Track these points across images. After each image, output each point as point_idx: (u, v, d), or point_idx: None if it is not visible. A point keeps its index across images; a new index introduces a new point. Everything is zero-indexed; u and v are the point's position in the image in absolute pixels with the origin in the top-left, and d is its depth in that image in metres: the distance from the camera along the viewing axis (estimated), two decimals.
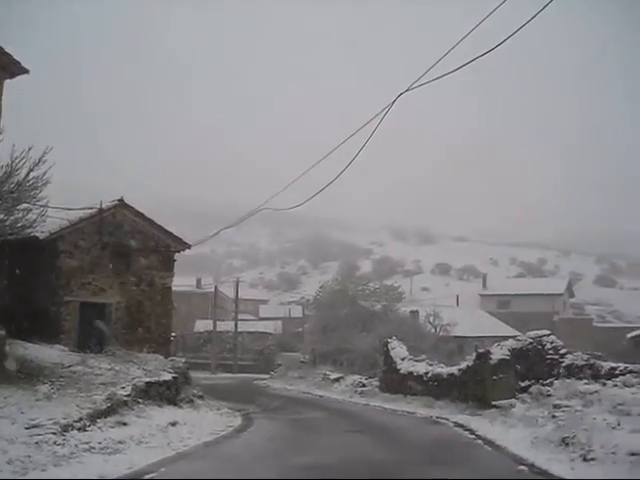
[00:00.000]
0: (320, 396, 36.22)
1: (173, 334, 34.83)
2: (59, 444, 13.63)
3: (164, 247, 30.41)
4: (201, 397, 25.89)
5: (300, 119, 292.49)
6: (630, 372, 24.19)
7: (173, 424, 18.52)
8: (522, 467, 14.54)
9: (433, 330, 50.32)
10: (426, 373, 30.07)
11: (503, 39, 12.27)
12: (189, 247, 31.43)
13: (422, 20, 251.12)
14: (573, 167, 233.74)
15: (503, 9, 11.89)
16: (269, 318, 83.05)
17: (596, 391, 22.16)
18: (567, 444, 15.53)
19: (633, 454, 13.86)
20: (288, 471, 13.46)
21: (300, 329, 72.71)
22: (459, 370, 27.70)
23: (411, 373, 30.97)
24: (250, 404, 28.18)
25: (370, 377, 36.59)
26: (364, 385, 35.81)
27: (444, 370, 29.24)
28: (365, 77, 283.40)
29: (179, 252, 31.20)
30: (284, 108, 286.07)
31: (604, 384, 23.28)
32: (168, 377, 22.96)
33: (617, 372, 24.46)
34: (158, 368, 23.94)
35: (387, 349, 33.70)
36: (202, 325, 71.36)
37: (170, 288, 30.51)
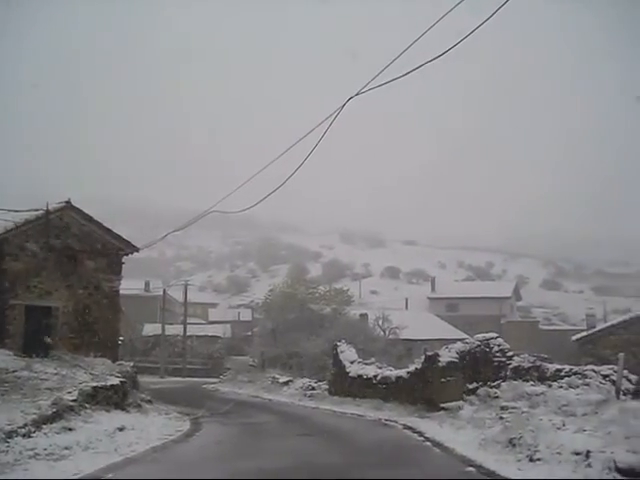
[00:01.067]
0: (269, 400, 36.13)
1: (121, 338, 34.41)
2: (3, 451, 13.43)
3: (112, 250, 30.03)
4: (149, 401, 25.67)
5: (253, 121, 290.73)
6: (575, 373, 24.60)
7: (121, 429, 18.32)
8: (470, 468, 14.69)
9: (382, 333, 50.49)
10: (375, 376, 30.18)
11: (463, 38, 12.38)
12: (137, 250, 31.10)
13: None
14: (520, 173, 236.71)
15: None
16: (218, 322, 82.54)
17: (542, 392, 22.48)
18: (514, 445, 15.75)
19: (577, 453, 14.11)
20: (237, 476, 13.39)
21: (249, 333, 72.54)
22: (408, 373, 27.86)
23: (360, 376, 31.05)
24: (199, 408, 27.98)
25: (319, 380, 36.64)
26: (313, 388, 35.84)
27: (393, 373, 29.38)
28: (318, 78, 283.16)
29: (127, 255, 30.84)
30: (236, 109, 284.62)
31: (550, 386, 23.63)
32: (116, 381, 22.69)
33: (562, 374, 24.85)
34: (105, 372, 23.67)
35: (336, 352, 33.75)
36: (150, 329, 70.64)
37: (118, 291, 30.13)
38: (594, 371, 24.56)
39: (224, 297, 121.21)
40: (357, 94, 14.88)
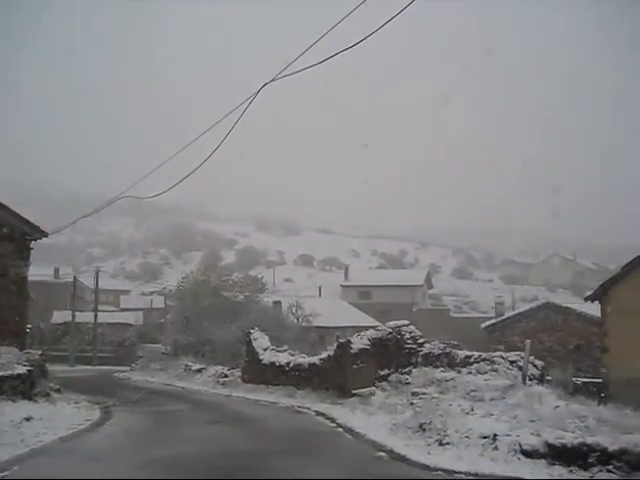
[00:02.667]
0: (182, 387, 35.82)
1: (29, 326, 33.57)
2: None
3: (19, 235, 29.16)
4: (58, 390, 25.12)
5: (167, 106, 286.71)
6: (483, 360, 25.13)
7: (28, 419, 17.88)
8: (381, 453, 14.91)
9: (296, 321, 50.64)
10: (288, 363, 30.28)
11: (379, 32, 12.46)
12: (46, 235, 30.24)
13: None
14: (435, 163, 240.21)
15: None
16: (130, 309, 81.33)
17: (452, 378, 22.94)
18: (424, 430, 16.03)
19: (485, 437, 14.49)
20: (148, 464, 13.26)
21: (162, 320, 71.74)
22: (320, 360, 28.04)
23: (273, 363, 31.10)
24: (110, 397, 27.53)
25: (232, 368, 36.51)
26: (226, 376, 35.70)
27: (306, 360, 29.52)
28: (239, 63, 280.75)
29: (36, 240, 30.00)
30: (149, 92, 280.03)
31: (459, 372, 24.12)
32: (22, 370, 22.14)
33: (471, 360, 25.36)
34: (12, 361, 23.02)
35: (249, 340, 33.69)
36: (60, 316, 69.06)
37: (26, 278, 29.29)
38: (502, 357, 25.12)
39: (136, 284, 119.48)
40: (271, 81, 14.85)
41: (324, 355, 28.10)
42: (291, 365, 30.02)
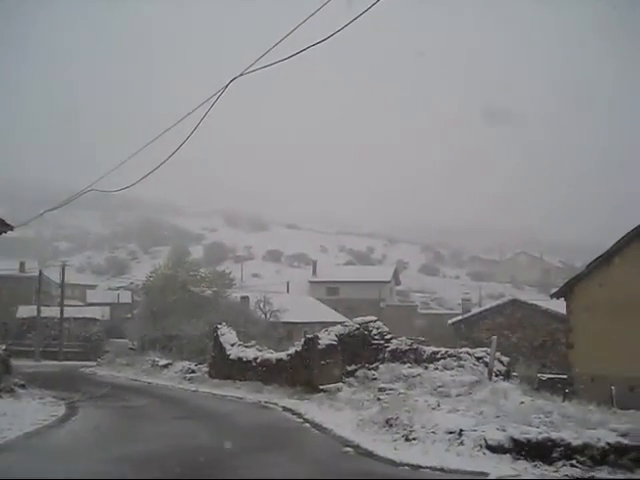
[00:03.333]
0: (148, 383, 35.63)
1: None
2: None
3: None
4: (23, 386, 24.91)
5: (143, 102, 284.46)
6: (450, 356, 25.31)
7: None
8: (348, 449, 14.95)
9: (263, 316, 50.61)
10: (255, 358, 30.23)
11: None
12: (12, 228, 29.86)
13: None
14: (404, 161, 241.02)
15: None
16: (97, 304, 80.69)
17: (419, 374, 23.13)
18: (391, 425, 16.11)
19: (451, 432, 14.60)
20: (113, 461, 13.18)
21: (129, 315, 71.33)
22: (288, 355, 28.03)
23: (240, 359, 31.03)
24: (75, 392, 27.32)
25: (200, 363, 36.42)
26: (193, 371, 35.59)
27: (273, 355, 29.51)
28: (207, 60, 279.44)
29: (0, 234, 29.65)
30: (118, 86, 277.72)
31: (426, 368, 24.29)
32: None
33: (438, 356, 25.53)
34: None
35: (217, 335, 33.59)
36: (25, 311, 68.32)
37: None
38: (468, 353, 25.32)
39: (103, 279, 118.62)
40: (239, 75, 14.78)
41: (291, 351, 28.10)
42: (258, 360, 29.98)
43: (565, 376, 32.47)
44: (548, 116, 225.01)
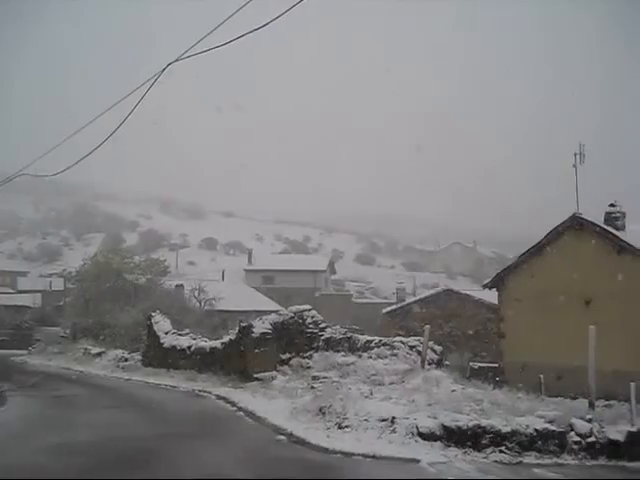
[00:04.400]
0: (81, 372, 35.15)
1: None
2: None
3: None
4: None
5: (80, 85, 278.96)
6: (384, 345, 25.50)
7: None
8: (281, 437, 15.02)
9: (198, 304, 50.27)
10: (189, 347, 30.07)
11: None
12: None
13: None
14: (341, 151, 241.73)
15: None
16: (28, 291, 78.99)
17: (352, 363, 23.24)
18: (324, 413, 16.21)
19: (383, 420, 14.78)
20: (44, 451, 13.00)
21: (61, 303, 70.08)
22: (222, 344, 27.95)
23: (174, 347, 30.83)
24: (5, 381, 26.81)
25: (133, 352, 36.05)
26: (127, 360, 35.24)
27: (207, 344, 29.38)
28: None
29: None
30: (53, 69, 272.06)
31: (360, 356, 24.43)
32: None
33: (372, 345, 25.68)
34: None
35: (150, 323, 33.31)
36: None
37: None
38: (402, 342, 25.52)
39: (35, 266, 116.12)
40: (175, 61, 14.63)
41: (226, 339, 28.03)
42: (192, 349, 29.83)
43: (496, 365, 33.03)
44: (483, 108, 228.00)
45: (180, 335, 31.84)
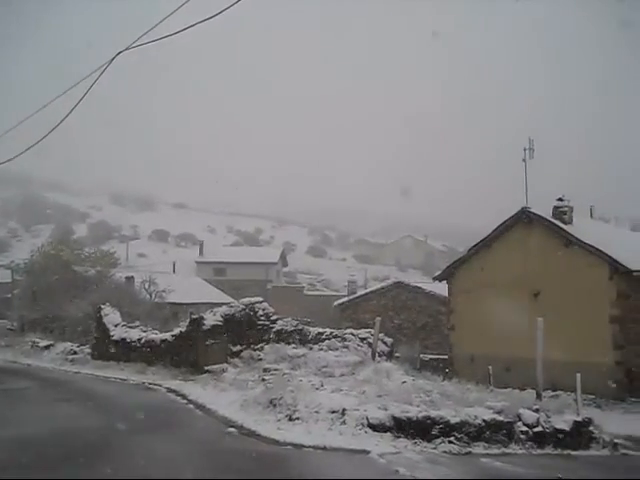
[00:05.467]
0: (28, 365, 34.62)
1: None
2: None
3: None
4: None
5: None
6: (335, 337, 25.62)
7: None
8: (231, 429, 15.00)
9: (149, 297, 49.88)
10: (139, 339, 29.85)
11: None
12: None
13: None
14: (294, 144, 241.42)
15: None
16: None
17: (303, 355, 23.32)
18: (275, 405, 16.23)
19: (334, 412, 14.84)
20: None
21: (9, 295, 68.98)
22: (173, 336, 27.80)
23: (124, 340, 30.56)
24: None
25: (82, 344, 35.62)
26: (75, 352, 34.81)
27: (158, 336, 29.18)
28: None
29: None
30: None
31: (311, 348, 24.52)
32: None
33: (323, 337, 25.80)
34: None
35: (100, 316, 32.96)
36: None
37: None
38: (353, 334, 25.68)
39: None
40: (125, 49, 14.49)
41: (176, 331, 27.88)
42: (143, 341, 29.61)
43: (446, 356, 33.42)
44: (445, 108, 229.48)
45: (130, 327, 31.58)
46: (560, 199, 30.21)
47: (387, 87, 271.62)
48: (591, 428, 15.36)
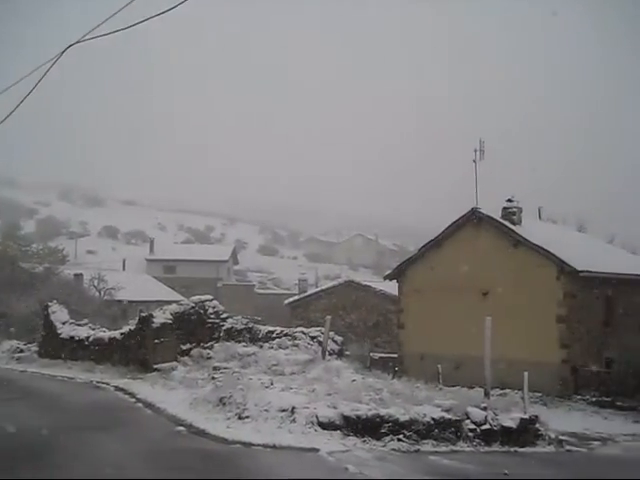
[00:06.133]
0: None
1: None
2: None
3: None
4: None
5: None
6: (285, 335, 25.63)
7: None
8: (180, 428, 14.92)
9: (98, 294, 49.41)
10: (88, 337, 29.49)
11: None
12: None
13: None
14: (247, 141, 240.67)
15: None
16: None
17: (254, 353, 23.25)
18: (224, 404, 16.17)
19: (283, 410, 14.84)
20: None
21: None
22: (121, 334, 27.52)
23: (72, 338, 30.17)
24: None
25: (29, 342, 35.08)
26: (22, 351, 34.26)
27: (106, 334, 28.87)
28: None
29: None
30: None
31: (261, 346, 24.47)
32: None
33: (274, 335, 25.78)
34: None
35: (47, 313, 32.48)
36: None
37: None
38: (303, 333, 25.69)
39: None
40: (76, 43, 14.24)
41: (125, 329, 27.60)
42: (91, 339, 29.26)
43: (396, 355, 33.60)
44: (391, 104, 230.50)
45: (78, 325, 31.21)
46: (509, 200, 30.61)
47: (343, 86, 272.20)
48: (537, 425, 15.64)
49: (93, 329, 30.42)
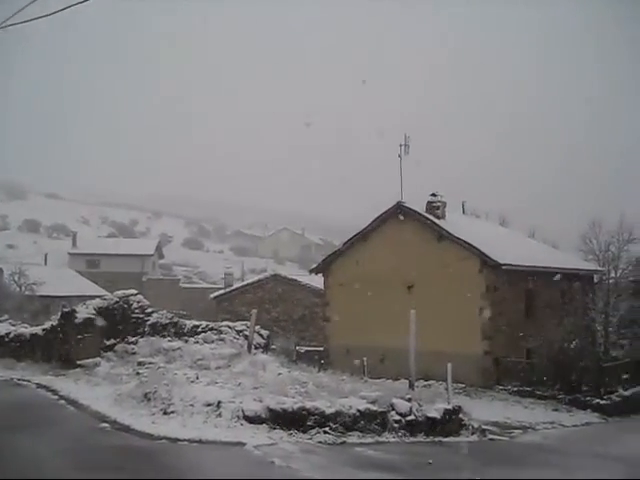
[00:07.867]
0: None
1: None
2: None
3: None
4: None
5: None
6: (211, 329, 25.47)
7: None
8: (105, 424, 14.73)
9: (18, 289, 48.42)
10: (8, 334, 28.78)
11: None
12: None
13: None
14: (178, 134, 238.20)
15: None
16: None
17: (179, 348, 23.10)
18: (149, 399, 16.03)
19: (209, 404, 14.81)
20: None
21: None
22: (43, 330, 26.98)
23: None
24: None
25: None
26: None
27: (27, 330, 28.25)
28: None
29: None
30: None
31: (186, 341, 24.30)
32: None
33: (199, 330, 25.60)
34: None
35: None
36: None
37: None
38: (229, 327, 25.58)
39: None
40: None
41: (47, 325, 27.07)
42: (11, 336, 28.56)
43: (322, 348, 33.79)
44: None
45: None
46: (433, 194, 31.01)
47: (285, 82, 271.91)
48: (461, 415, 15.98)
49: (14, 325, 29.72)
